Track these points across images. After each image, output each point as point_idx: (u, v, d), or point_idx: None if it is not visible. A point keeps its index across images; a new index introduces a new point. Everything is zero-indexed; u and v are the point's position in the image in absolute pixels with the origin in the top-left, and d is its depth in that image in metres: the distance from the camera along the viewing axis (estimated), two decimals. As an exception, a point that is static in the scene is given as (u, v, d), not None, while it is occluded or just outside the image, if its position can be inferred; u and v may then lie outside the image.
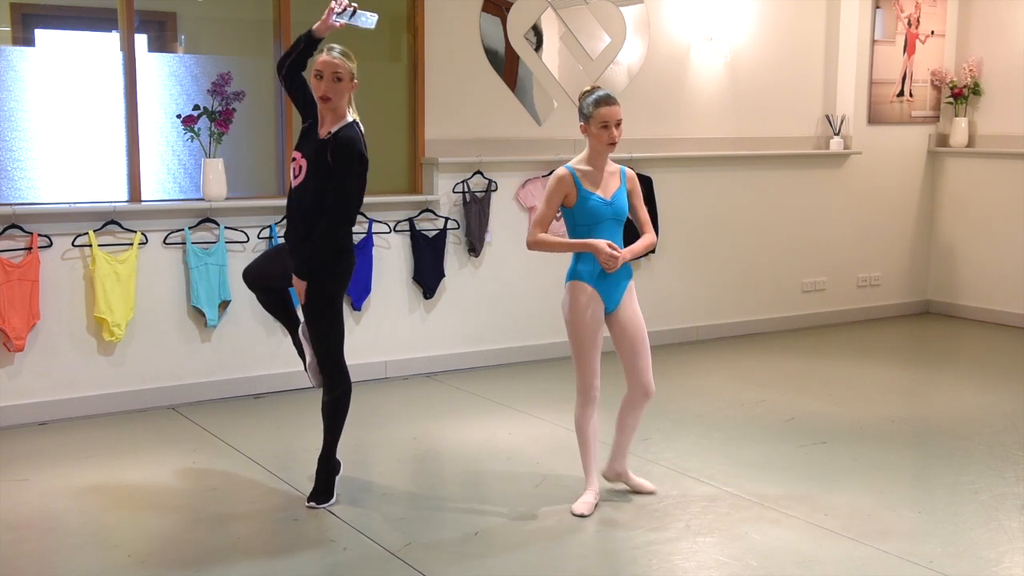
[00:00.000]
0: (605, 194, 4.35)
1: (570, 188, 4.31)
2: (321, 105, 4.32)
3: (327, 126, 4.34)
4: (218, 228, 6.05)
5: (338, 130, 4.31)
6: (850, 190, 8.52)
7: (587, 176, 4.34)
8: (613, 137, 4.27)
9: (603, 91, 4.33)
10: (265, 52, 6.48)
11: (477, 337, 6.99)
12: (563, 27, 7.19)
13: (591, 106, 4.27)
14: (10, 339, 5.52)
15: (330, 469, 4.57)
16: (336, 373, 4.49)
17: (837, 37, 8.35)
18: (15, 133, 5.81)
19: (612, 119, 4.26)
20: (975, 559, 3.99)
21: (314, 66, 4.30)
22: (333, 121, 4.34)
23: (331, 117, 4.34)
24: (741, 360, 7.28)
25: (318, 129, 4.37)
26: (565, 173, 4.32)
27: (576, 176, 4.32)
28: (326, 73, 4.26)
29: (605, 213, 4.33)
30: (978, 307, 8.67)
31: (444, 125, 6.83)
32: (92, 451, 5.24)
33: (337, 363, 4.49)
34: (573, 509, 4.42)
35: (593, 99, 4.29)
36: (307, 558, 4.00)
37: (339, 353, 4.49)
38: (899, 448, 5.40)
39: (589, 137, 4.32)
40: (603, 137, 4.27)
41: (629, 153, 7.29)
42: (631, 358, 4.47)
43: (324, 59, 4.28)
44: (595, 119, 4.26)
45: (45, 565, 3.97)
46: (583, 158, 4.38)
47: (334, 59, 4.27)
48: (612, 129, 4.27)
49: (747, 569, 3.90)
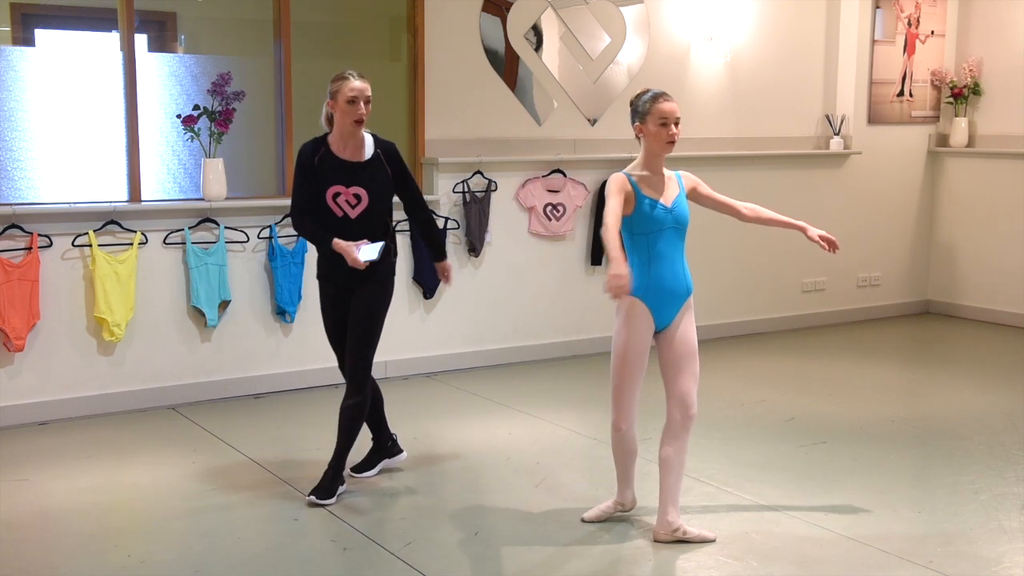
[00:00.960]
0: (666, 200, 4.04)
1: (629, 190, 3.97)
2: (355, 128, 4.44)
3: (353, 149, 4.49)
4: (218, 228, 6.05)
5: (376, 144, 4.53)
6: (850, 190, 8.51)
7: (645, 181, 4.03)
8: (672, 135, 3.98)
9: (659, 91, 4.07)
10: (265, 52, 6.48)
11: (477, 337, 6.99)
12: (563, 27, 7.19)
13: (648, 102, 4.00)
14: (10, 339, 5.52)
15: (339, 469, 4.58)
16: (365, 378, 4.57)
17: (837, 37, 8.35)
18: (15, 133, 5.81)
19: (671, 116, 3.97)
20: (975, 559, 3.99)
21: (344, 92, 4.39)
22: (358, 142, 4.49)
23: (355, 140, 4.48)
24: (741, 360, 7.27)
25: (341, 158, 4.47)
26: (621, 176, 4.00)
27: (633, 181, 4.01)
28: (360, 98, 4.41)
29: (666, 221, 4.02)
30: (978, 307, 8.67)
31: (444, 125, 6.83)
32: (92, 451, 5.24)
33: (369, 368, 4.59)
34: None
35: (651, 95, 4.02)
36: (307, 558, 4.00)
37: (373, 358, 4.61)
38: (899, 448, 5.40)
39: (645, 138, 4.03)
40: (662, 136, 3.98)
41: (629, 153, 7.30)
42: (678, 378, 4.10)
43: (356, 85, 4.41)
44: (653, 115, 3.98)
45: (45, 565, 3.97)
46: (638, 164, 4.07)
47: (364, 84, 4.43)
48: (671, 127, 3.98)
49: (747, 569, 3.90)
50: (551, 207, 7.13)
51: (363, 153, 4.49)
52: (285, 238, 6.23)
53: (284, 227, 6.23)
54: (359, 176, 4.46)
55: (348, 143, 4.48)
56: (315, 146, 4.50)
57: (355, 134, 4.47)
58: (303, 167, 4.48)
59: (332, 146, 4.48)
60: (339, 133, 4.47)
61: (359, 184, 4.45)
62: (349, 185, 4.44)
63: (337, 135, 4.48)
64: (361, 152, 4.48)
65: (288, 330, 6.33)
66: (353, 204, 4.45)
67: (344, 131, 4.45)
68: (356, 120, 4.41)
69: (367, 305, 4.52)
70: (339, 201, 4.45)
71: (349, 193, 4.44)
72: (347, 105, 4.38)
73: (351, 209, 4.45)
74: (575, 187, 7.19)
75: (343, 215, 4.45)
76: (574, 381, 6.58)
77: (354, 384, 4.55)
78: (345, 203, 4.45)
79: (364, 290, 4.52)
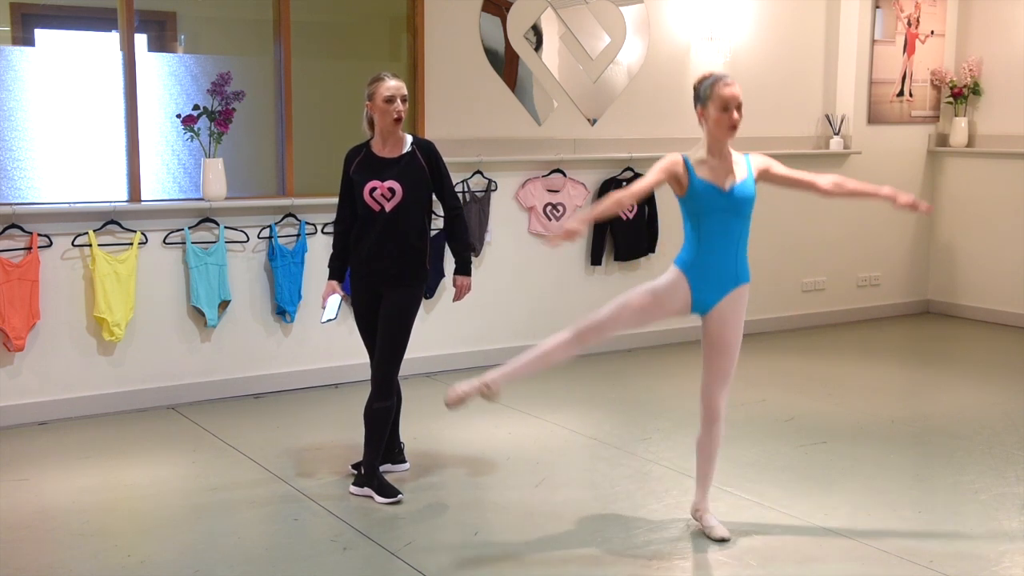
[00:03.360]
0: (722, 184, 3.99)
1: (680, 171, 3.97)
2: (395, 127, 4.55)
3: (392, 147, 4.59)
4: (218, 228, 6.04)
5: (414, 141, 4.63)
6: (850, 190, 8.50)
7: (703, 164, 4.01)
8: (734, 120, 3.96)
9: (721, 72, 4.06)
10: (265, 52, 6.48)
11: (477, 337, 6.99)
12: (563, 27, 7.19)
13: (709, 87, 3.97)
14: (10, 339, 5.52)
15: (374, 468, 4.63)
16: (391, 383, 4.63)
17: (837, 37, 8.35)
18: (15, 133, 5.81)
19: (733, 100, 3.95)
20: (975, 559, 3.99)
21: (381, 92, 4.52)
22: (397, 140, 4.60)
23: (395, 138, 4.59)
24: (741, 360, 7.20)
25: (381, 155, 4.59)
26: (678, 157, 4.00)
27: (689, 163, 3.99)
28: (397, 96, 4.51)
29: (717, 204, 3.97)
30: (978, 307, 8.67)
31: (444, 125, 6.83)
32: (92, 451, 5.24)
33: (396, 372, 4.66)
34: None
35: (712, 80, 3.99)
36: (307, 558, 4.00)
37: (400, 363, 4.67)
38: (899, 448, 5.40)
39: (707, 123, 4.00)
40: (723, 121, 3.95)
41: (629, 153, 7.30)
42: (706, 370, 4.15)
43: (391, 84, 4.53)
44: (714, 100, 3.95)
45: (45, 565, 3.97)
46: (702, 146, 4.04)
47: (400, 83, 4.55)
48: (733, 111, 3.95)
49: (747, 569, 3.90)
50: (551, 207, 7.13)
51: (401, 150, 4.60)
52: (285, 238, 6.23)
53: (284, 227, 6.23)
54: (393, 170, 4.56)
55: (388, 142, 4.59)
56: (358, 149, 4.65)
57: (395, 133, 4.58)
58: (346, 167, 4.64)
59: (373, 147, 4.62)
60: (380, 134, 4.60)
61: (393, 178, 4.54)
62: (384, 179, 4.54)
63: (378, 136, 4.61)
64: (400, 149, 4.60)
65: (288, 330, 6.33)
66: (388, 198, 4.53)
67: (384, 131, 4.57)
68: (395, 118, 4.52)
69: (397, 311, 4.59)
70: (375, 196, 4.54)
71: (384, 187, 4.53)
72: (385, 104, 4.51)
73: (386, 203, 4.54)
74: (575, 187, 7.19)
75: (380, 209, 4.54)
76: (574, 381, 6.57)
77: (381, 388, 4.60)
78: (381, 197, 4.54)
79: (395, 295, 4.59)
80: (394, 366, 4.62)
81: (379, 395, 4.59)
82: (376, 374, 4.61)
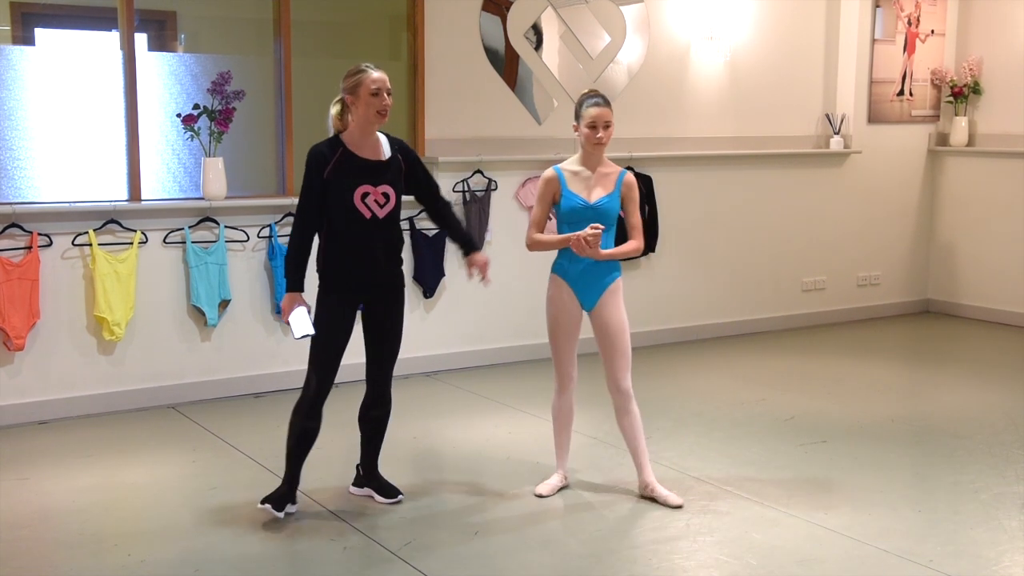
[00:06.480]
0: (588, 196, 4.43)
1: (556, 188, 4.46)
2: (378, 121, 4.28)
3: (372, 148, 4.31)
4: (218, 227, 6.05)
5: (392, 143, 4.39)
6: (850, 189, 8.51)
7: (575, 177, 4.47)
8: (598, 138, 4.39)
9: (597, 94, 4.47)
10: (265, 51, 6.48)
11: (477, 337, 6.99)
12: (563, 26, 7.19)
13: (579, 105, 4.44)
14: (10, 338, 5.52)
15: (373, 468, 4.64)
16: (389, 388, 4.58)
17: (837, 36, 8.35)
18: (15, 133, 5.81)
19: (600, 120, 4.38)
20: (975, 558, 3.99)
21: (367, 84, 4.22)
22: (375, 140, 4.33)
23: (373, 138, 4.32)
24: (741, 360, 7.28)
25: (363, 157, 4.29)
26: (552, 175, 4.48)
27: (563, 177, 4.46)
28: (383, 89, 4.25)
29: (584, 215, 4.41)
30: (978, 306, 8.67)
31: (444, 124, 6.83)
32: (92, 451, 5.24)
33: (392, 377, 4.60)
34: (536, 489, 4.62)
35: (584, 98, 4.45)
36: (307, 558, 4.01)
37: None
38: (899, 447, 5.40)
39: (580, 136, 4.45)
40: (590, 137, 4.40)
41: (629, 152, 7.29)
42: (607, 357, 4.52)
43: (376, 76, 4.25)
44: (584, 119, 4.41)
45: (45, 565, 3.97)
46: (576, 158, 4.51)
47: (384, 75, 4.30)
48: (599, 130, 4.38)
49: (747, 569, 3.90)
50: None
51: (382, 152, 4.34)
52: (285, 237, 6.22)
53: (284, 226, 6.23)
54: (385, 175, 4.32)
55: (367, 141, 4.30)
56: (331, 146, 4.28)
57: (374, 130, 4.31)
58: (317, 167, 4.25)
59: (350, 146, 4.30)
60: (359, 130, 4.27)
61: (387, 183, 4.31)
62: (378, 184, 4.29)
63: (356, 133, 4.28)
64: (379, 151, 4.33)
65: (288, 329, 6.32)
66: (382, 204, 4.30)
67: (365, 128, 4.27)
68: (380, 111, 4.24)
69: (398, 318, 4.51)
70: (368, 201, 4.27)
71: (378, 192, 4.28)
72: (371, 97, 4.22)
73: (379, 209, 4.29)
74: (575, 186, 7.19)
75: (371, 216, 4.28)
76: (574, 380, 6.57)
77: (384, 396, 4.56)
78: (374, 203, 4.29)
79: (390, 302, 4.46)
80: (391, 372, 4.58)
81: (380, 403, 4.56)
82: (378, 382, 4.53)
